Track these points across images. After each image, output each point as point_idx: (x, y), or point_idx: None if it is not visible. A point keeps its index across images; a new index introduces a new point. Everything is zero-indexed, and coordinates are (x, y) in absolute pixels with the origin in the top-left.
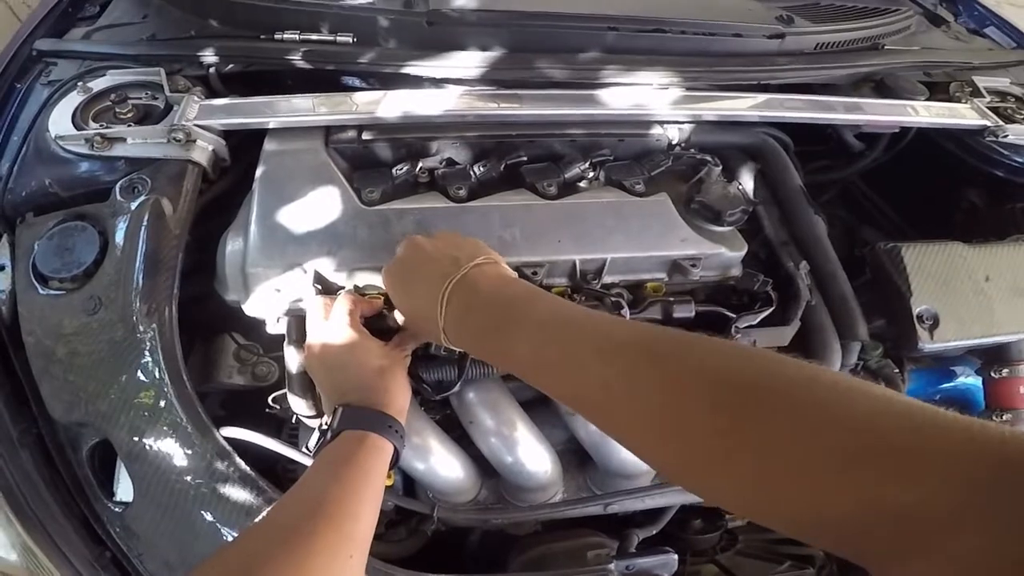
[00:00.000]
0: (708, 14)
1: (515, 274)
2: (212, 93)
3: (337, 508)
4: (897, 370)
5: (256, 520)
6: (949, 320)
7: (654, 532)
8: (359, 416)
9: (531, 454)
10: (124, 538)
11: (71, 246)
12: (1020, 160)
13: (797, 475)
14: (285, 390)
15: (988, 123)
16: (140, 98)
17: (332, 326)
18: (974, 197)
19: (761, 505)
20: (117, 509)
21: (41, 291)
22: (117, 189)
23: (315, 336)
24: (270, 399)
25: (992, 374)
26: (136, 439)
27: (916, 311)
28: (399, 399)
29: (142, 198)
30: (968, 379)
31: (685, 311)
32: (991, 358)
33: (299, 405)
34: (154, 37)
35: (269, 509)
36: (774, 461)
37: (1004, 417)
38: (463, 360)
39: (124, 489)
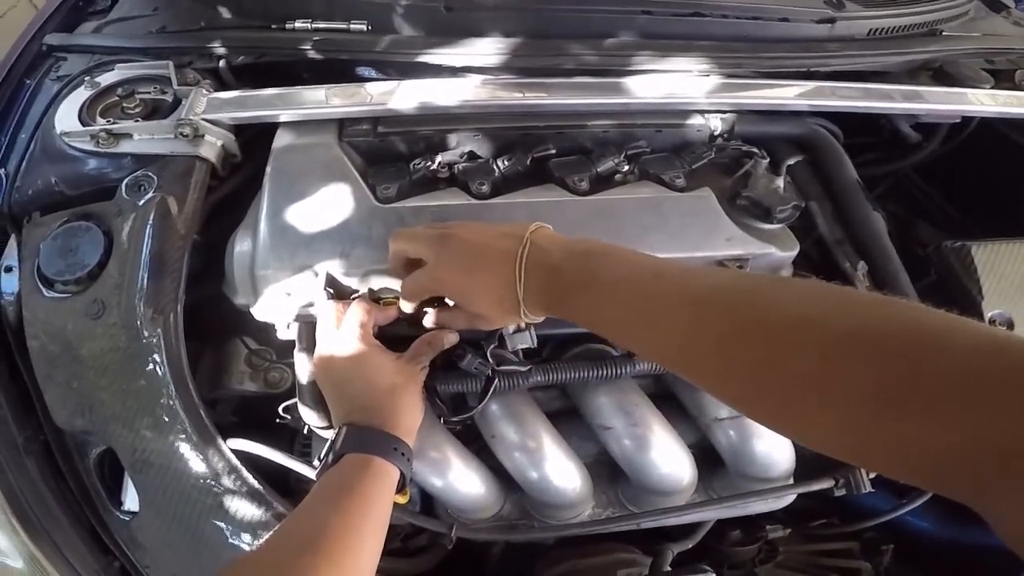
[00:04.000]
0: None
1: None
2: (223, 86)
3: (336, 543)
4: None
5: (251, 551)
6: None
7: (690, 546)
8: (364, 438)
9: (559, 470)
10: (131, 548)
11: (75, 247)
12: None
13: (904, 415)
14: (296, 399)
15: None
16: (148, 92)
17: (342, 337)
18: None
19: (865, 448)
20: (124, 519)
21: (46, 294)
22: (123, 187)
23: (324, 347)
24: (280, 409)
25: None
26: (140, 449)
27: (988, 316)
28: (408, 419)
29: (148, 196)
30: None
31: None
32: None
33: (310, 416)
34: (164, 29)
35: (266, 538)
36: (879, 403)
37: None
38: (489, 381)
39: (132, 498)
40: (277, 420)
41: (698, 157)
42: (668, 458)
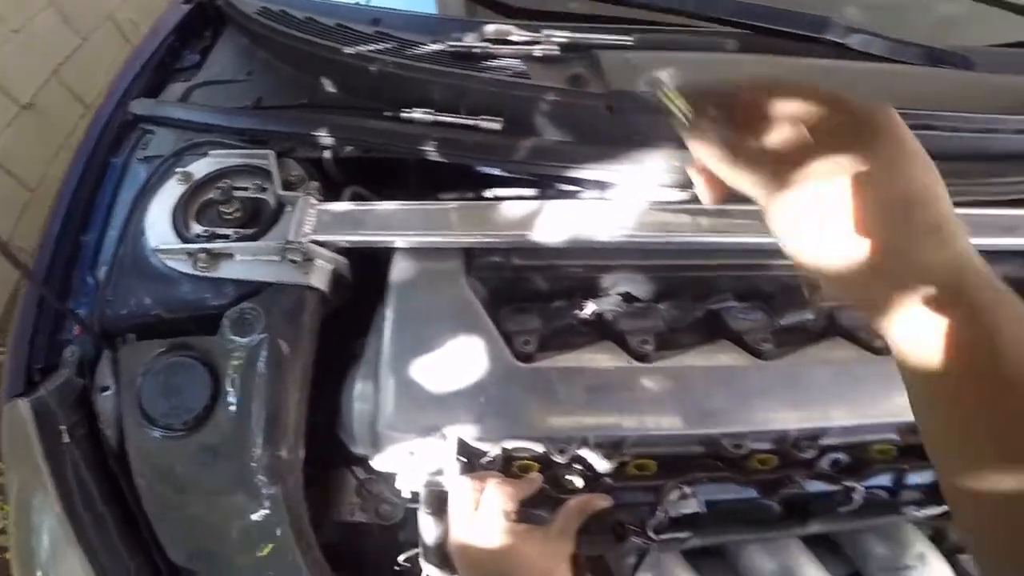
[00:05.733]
0: (981, 101)
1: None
2: (325, 179)
3: None
4: None
5: None
6: None
7: None
8: None
9: None
10: None
11: (179, 387)
12: None
13: None
14: (418, 552)
15: None
16: (247, 189)
17: (483, 526)
18: None
19: None
20: None
21: (149, 431)
22: (226, 323)
23: (462, 534)
24: (401, 559)
25: None
26: None
27: None
28: None
29: (256, 337)
30: None
31: (922, 477)
32: None
33: (436, 574)
34: (260, 102)
35: None
36: None
37: None
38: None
39: None
40: (396, 568)
41: None
42: None
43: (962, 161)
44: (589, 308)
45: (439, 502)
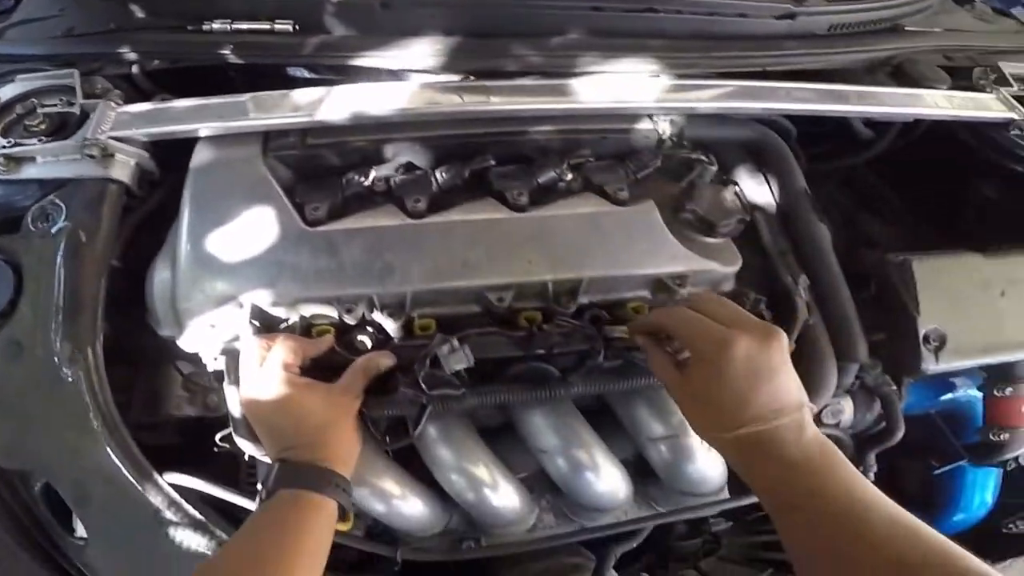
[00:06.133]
0: None
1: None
2: (140, 94)
3: None
4: (895, 387)
5: None
6: (957, 340)
7: (633, 546)
8: (296, 474)
9: (496, 491)
10: (90, 572)
11: None
12: None
13: None
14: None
15: (1016, 116)
16: (54, 105)
17: (265, 378)
18: (988, 190)
19: None
20: (79, 544)
21: None
22: (28, 218)
23: (248, 388)
24: (218, 438)
25: (995, 392)
26: (78, 487)
27: (923, 332)
28: (344, 451)
29: (57, 227)
30: (968, 391)
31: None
32: (995, 375)
33: (247, 447)
34: (72, 32)
35: (197, 571)
36: None
37: (1002, 436)
38: (423, 408)
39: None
40: (215, 448)
41: (644, 165)
42: (603, 479)
43: (686, 39)
44: (371, 175)
45: (238, 371)
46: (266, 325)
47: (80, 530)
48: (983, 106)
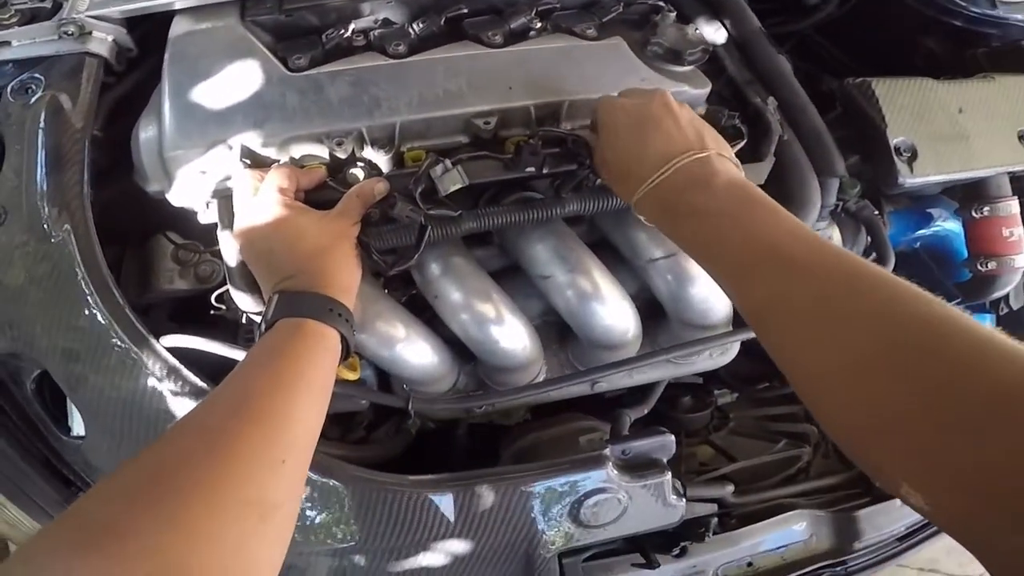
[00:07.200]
0: None
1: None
2: None
3: (264, 405)
4: (877, 212)
5: (180, 418)
6: (927, 153)
7: (645, 411)
8: (294, 302)
9: (505, 328)
10: (88, 473)
11: None
12: (977, 11)
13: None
14: (228, 286)
15: None
16: (24, 3)
17: (260, 204)
18: (932, 45)
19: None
20: (76, 443)
21: None
22: (8, 92)
23: (242, 216)
24: (213, 298)
25: (973, 213)
26: (72, 365)
27: (893, 143)
28: (343, 278)
29: (37, 96)
30: (947, 224)
31: None
32: (969, 196)
33: (244, 300)
34: None
35: (194, 408)
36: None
37: (989, 265)
38: (423, 229)
39: (79, 421)
40: (211, 311)
41: (607, 11)
42: (610, 307)
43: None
44: (352, 28)
45: (232, 211)
46: (257, 164)
47: (76, 428)
48: None
